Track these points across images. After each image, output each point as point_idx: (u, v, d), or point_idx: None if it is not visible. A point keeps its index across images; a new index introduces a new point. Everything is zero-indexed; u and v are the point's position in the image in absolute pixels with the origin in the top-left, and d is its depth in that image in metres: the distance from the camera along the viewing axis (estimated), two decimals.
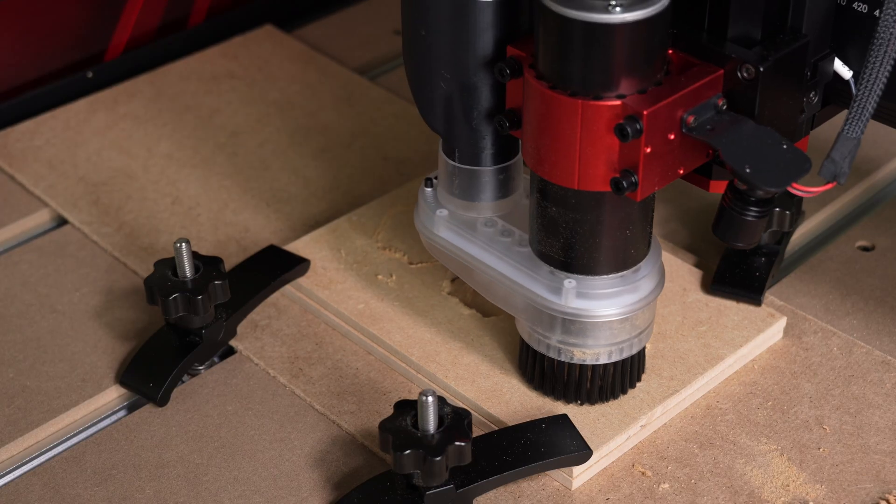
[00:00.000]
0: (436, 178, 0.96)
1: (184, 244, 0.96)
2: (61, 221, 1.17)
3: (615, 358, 0.91)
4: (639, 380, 0.95)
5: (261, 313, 1.05)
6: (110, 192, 1.18)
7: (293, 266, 1.05)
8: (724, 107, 0.82)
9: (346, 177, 1.20)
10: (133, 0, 1.35)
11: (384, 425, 0.84)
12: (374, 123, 1.27)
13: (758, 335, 1.00)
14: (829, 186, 0.82)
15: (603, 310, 0.88)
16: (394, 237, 1.09)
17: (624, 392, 0.94)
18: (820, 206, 1.15)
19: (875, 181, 1.19)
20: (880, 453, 0.93)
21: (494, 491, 0.90)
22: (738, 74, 0.81)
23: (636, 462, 0.92)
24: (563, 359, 0.91)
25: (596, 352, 0.91)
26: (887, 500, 0.89)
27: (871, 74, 0.78)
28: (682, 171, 0.83)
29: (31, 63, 1.32)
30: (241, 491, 0.91)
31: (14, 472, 0.94)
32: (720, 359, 0.98)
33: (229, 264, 1.07)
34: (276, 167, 1.21)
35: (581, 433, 0.90)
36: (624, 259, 0.88)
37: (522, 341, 0.94)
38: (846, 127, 0.80)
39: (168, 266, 0.98)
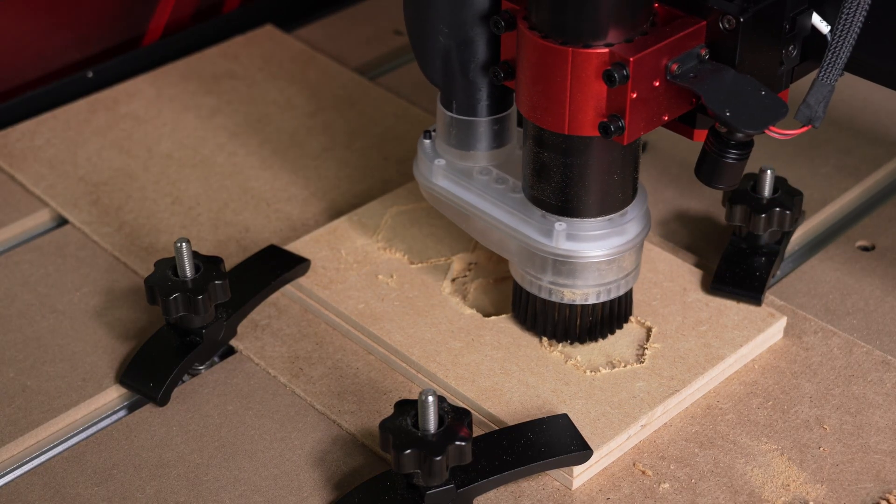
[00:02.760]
0: (434, 130, 1.00)
1: (184, 244, 0.96)
2: (61, 221, 1.17)
3: (603, 298, 0.96)
4: (626, 321, 0.99)
5: (261, 313, 1.05)
6: (110, 192, 1.18)
7: (293, 266, 1.05)
8: (707, 56, 0.86)
9: (346, 177, 1.20)
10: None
11: (384, 425, 0.84)
12: (375, 123, 1.27)
13: (758, 335, 1.00)
14: (803, 129, 0.86)
15: (591, 251, 0.93)
16: (394, 237, 1.09)
17: (612, 332, 0.99)
18: (819, 206, 1.15)
19: (875, 181, 1.19)
20: (880, 453, 0.93)
21: (495, 491, 0.90)
22: (720, 25, 0.86)
23: (636, 462, 0.92)
24: (553, 299, 0.96)
25: (585, 292, 0.95)
26: (887, 500, 0.89)
27: (845, 22, 0.83)
28: (666, 118, 0.88)
29: (32, 63, 1.32)
30: (242, 490, 0.91)
31: (14, 472, 0.94)
32: (720, 358, 0.98)
33: (229, 264, 1.07)
34: (277, 167, 1.21)
35: (581, 433, 0.90)
36: (612, 202, 0.93)
37: (516, 284, 0.98)
38: (821, 73, 0.85)
39: (168, 266, 0.98)
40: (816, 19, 0.89)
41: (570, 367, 0.97)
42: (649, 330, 1.00)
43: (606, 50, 0.84)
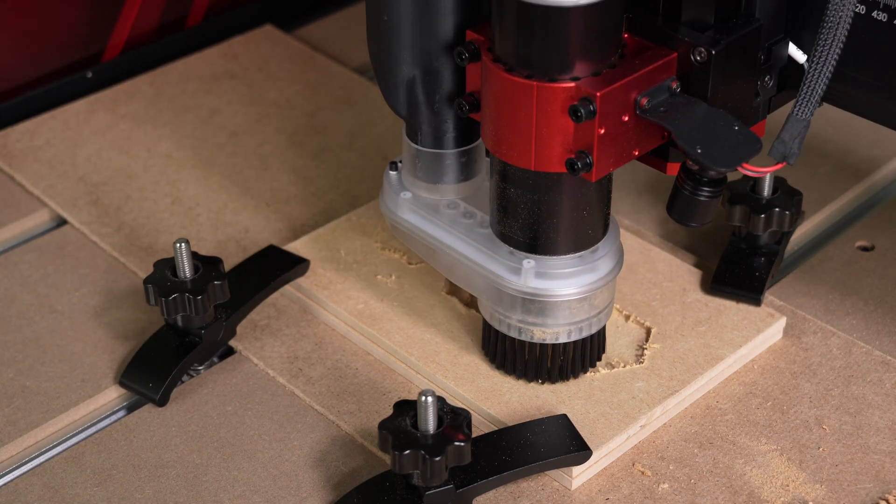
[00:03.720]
0: (400, 161, 0.98)
1: (183, 244, 0.96)
2: (61, 221, 1.17)
3: (574, 337, 0.93)
4: (599, 359, 0.96)
5: (260, 313, 1.05)
6: (110, 193, 1.18)
7: (293, 266, 1.05)
8: (678, 90, 0.84)
9: (345, 177, 1.20)
10: (131, 0, 1.35)
11: (384, 425, 0.84)
12: (374, 123, 1.27)
13: (757, 335, 1.00)
14: (778, 167, 0.83)
15: (561, 289, 0.90)
16: (393, 237, 1.09)
17: (584, 371, 0.96)
18: (819, 206, 1.15)
19: (875, 181, 1.19)
20: (880, 453, 0.93)
21: (494, 491, 0.90)
22: (691, 58, 0.83)
23: (636, 462, 0.92)
24: (523, 338, 0.93)
25: (555, 331, 0.92)
26: (887, 500, 0.89)
27: (820, 56, 0.80)
28: (637, 153, 0.85)
29: (31, 63, 1.32)
30: (241, 491, 0.91)
31: (14, 473, 0.94)
32: (720, 359, 0.98)
33: (229, 264, 1.07)
34: (276, 167, 1.21)
35: (580, 433, 0.90)
36: (582, 239, 0.90)
37: (485, 322, 0.96)
38: (796, 108, 0.82)
39: (168, 266, 0.98)
40: (793, 49, 0.87)
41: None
42: (649, 330, 1.00)
43: (573, 84, 0.80)
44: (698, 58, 0.82)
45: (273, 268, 1.05)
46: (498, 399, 0.95)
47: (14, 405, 0.97)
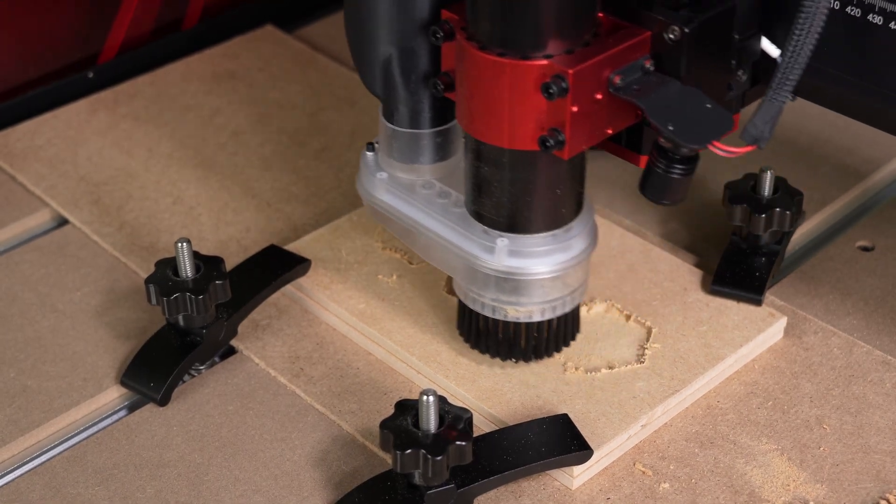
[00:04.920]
0: (377, 142, 0.98)
1: (185, 244, 0.96)
2: (62, 221, 1.17)
3: (548, 316, 0.93)
4: (573, 339, 0.97)
5: (262, 313, 1.05)
6: (111, 192, 1.18)
7: (294, 266, 1.05)
8: (652, 68, 0.84)
9: (346, 177, 1.20)
10: (128, 2, 1.35)
11: (385, 425, 0.84)
12: (375, 123, 1.27)
13: (758, 335, 1.00)
14: (749, 149, 0.83)
15: (535, 268, 0.90)
16: (394, 237, 1.09)
17: (558, 350, 0.96)
18: (820, 205, 1.15)
19: (875, 181, 1.19)
20: (881, 453, 0.93)
21: (495, 490, 0.90)
22: (665, 36, 0.83)
23: (637, 461, 0.93)
24: (497, 317, 0.93)
25: (529, 310, 0.92)
26: (887, 500, 0.89)
27: (796, 42, 0.79)
28: (610, 131, 0.85)
29: (32, 63, 1.32)
30: (242, 490, 0.91)
31: (15, 472, 0.94)
32: (720, 358, 0.98)
33: (230, 264, 1.07)
34: (277, 167, 1.21)
35: (581, 432, 0.90)
36: (555, 218, 0.90)
37: (460, 301, 0.96)
38: (770, 92, 0.81)
39: (169, 266, 0.98)
40: (766, 43, 0.87)
41: (570, 368, 0.97)
42: (649, 330, 1.00)
43: (545, 62, 0.81)
44: (672, 36, 0.83)
45: (274, 267, 1.05)
46: (499, 399, 0.95)
47: (15, 404, 0.97)
